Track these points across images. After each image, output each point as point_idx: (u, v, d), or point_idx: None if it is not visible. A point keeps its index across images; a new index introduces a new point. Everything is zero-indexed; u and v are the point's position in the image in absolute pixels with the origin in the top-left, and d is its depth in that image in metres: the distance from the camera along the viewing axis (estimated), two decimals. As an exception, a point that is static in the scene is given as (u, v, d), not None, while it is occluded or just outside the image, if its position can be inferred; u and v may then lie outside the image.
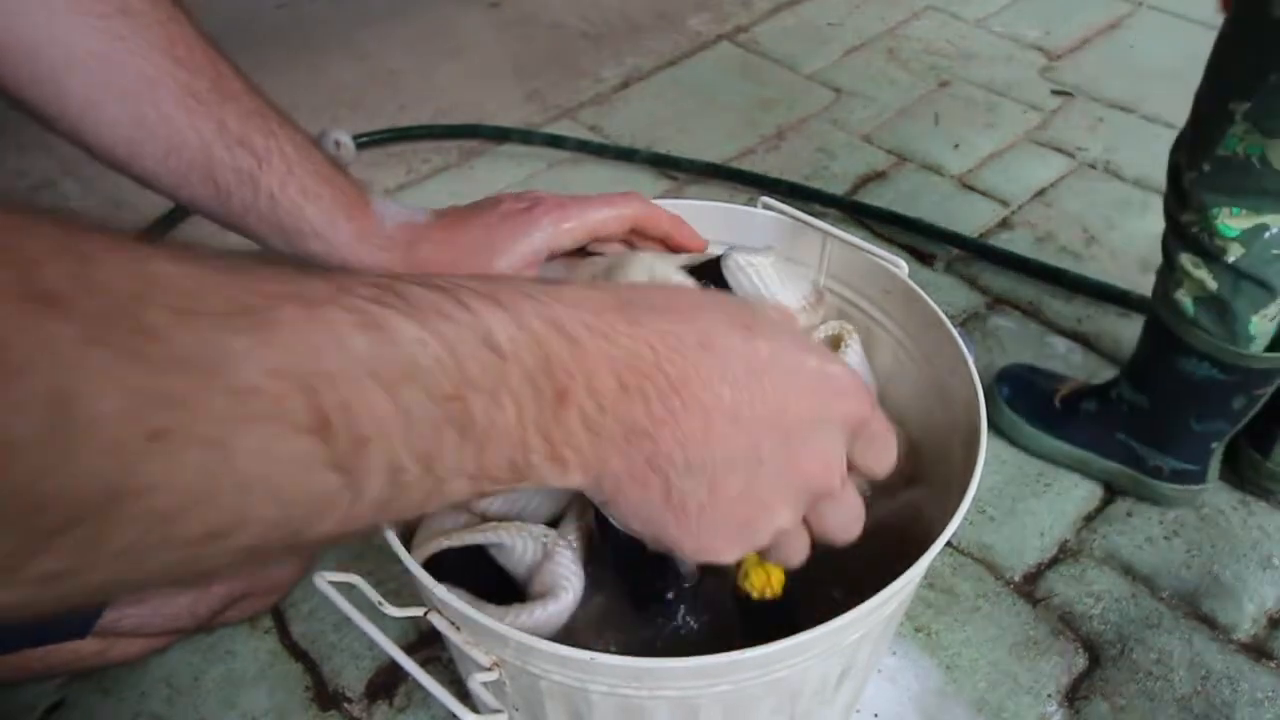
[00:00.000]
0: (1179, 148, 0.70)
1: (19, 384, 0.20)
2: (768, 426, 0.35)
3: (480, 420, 0.29)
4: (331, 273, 0.27)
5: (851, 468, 0.39)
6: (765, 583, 0.47)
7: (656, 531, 0.36)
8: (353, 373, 0.25)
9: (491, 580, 0.50)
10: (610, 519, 0.37)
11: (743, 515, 0.36)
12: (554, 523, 0.53)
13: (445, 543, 0.49)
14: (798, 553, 0.39)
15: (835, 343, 0.62)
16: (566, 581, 0.49)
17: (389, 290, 0.27)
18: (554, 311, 0.30)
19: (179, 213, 1.12)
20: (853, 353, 0.61)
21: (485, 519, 0.53)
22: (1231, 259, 0.67)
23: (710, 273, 0.63)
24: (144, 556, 0.23)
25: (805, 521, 0.39)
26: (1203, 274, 0.69)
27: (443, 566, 0.48)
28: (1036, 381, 0.88)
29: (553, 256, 0.53)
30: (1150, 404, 0.78)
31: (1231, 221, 0.66)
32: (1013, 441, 0.87)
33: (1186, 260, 0.70)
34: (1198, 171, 0.67)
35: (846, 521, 0.39)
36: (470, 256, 0.50)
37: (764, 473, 0.36)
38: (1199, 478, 0.79)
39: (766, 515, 0.37)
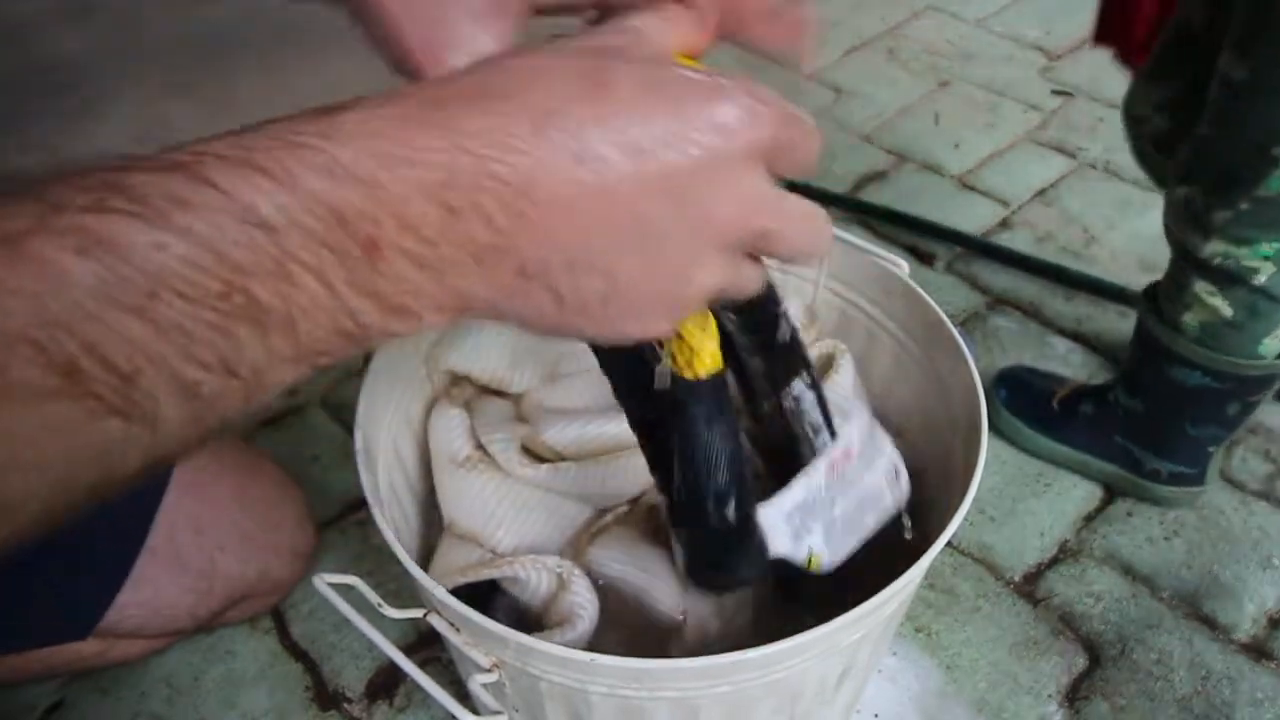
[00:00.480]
0: (1191, 181, 0.68)
1: None
2: (653, 192, 0.30)
3: (274, 305, 0.25)
4: (40, 187, 0.23)
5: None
6: (688, 359, 0.41)
7: (571, 334, 0.32)
8: (87, 308, 0.22)
9: (499, 616, 0.50)
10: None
11: (657, 290, 0.32)
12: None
13: (460, 579, 0.49)
14: (750, 285, 0.35)
15: (827, 362, 0.63)
16: (582, 610, 0.49)
17: (111, 191, 0.23)
18: (332, 154, 0.26)
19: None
20: (845, 373, 0.62)
21: (496, 554, 0.53)
22: (1262, 279, 0.67)
23: None
24: None
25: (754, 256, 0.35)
26: (1217, 302, 0.69)
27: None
28: (1035, 383, 0.88)
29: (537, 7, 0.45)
30: (1145, 409, 0.78)
31: (1268, 247, 0.66)
32: (1011, 443, 0.86)
33: (1201, 289, 0.69)
34: (1233, 211, 0.65)
35: (803, 238, 0.35)
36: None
37: (667, 243, 0.31)
38: (1197, 480, 0.79)
39: (685, 282, 0.32)
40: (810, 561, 0.44)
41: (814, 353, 0.63)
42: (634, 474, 0.56)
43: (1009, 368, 0.90)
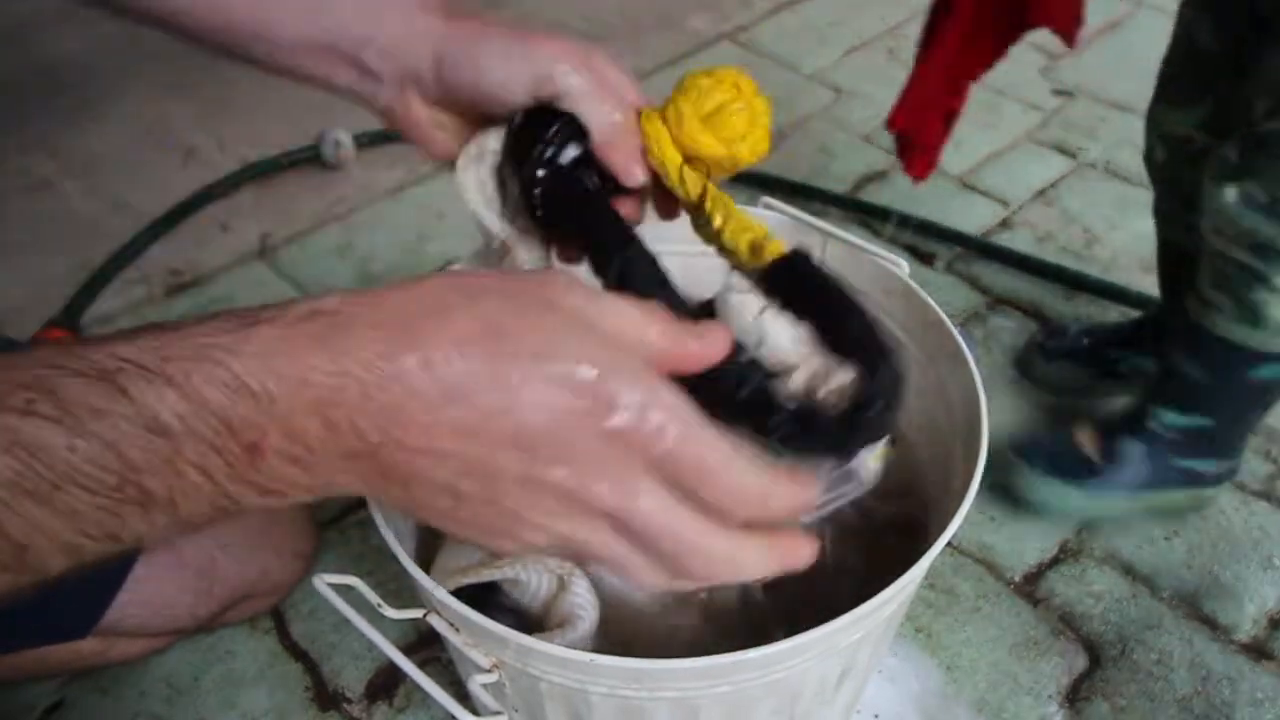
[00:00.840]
0: (1250, 176, 0.66)
1: None
2: (507, 443, 0.32)
3: (160, 492, 0.29)
4: None
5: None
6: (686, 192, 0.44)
7: (422, 520, 0.35)
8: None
9: (500, 618, 0.50)
10: None
11: (492, 523, 0.34)
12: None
13: (461, 580, 0.49)
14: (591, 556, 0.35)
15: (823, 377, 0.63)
16: (583, 611, 0.49)
17: (44, 395, 0.28)
18: (236, 369, 0.29)
19: (178, 213, 1.12)
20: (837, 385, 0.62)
21: (497, 555, 0.53)
22: None
23: (706, 313, 0.62)
24: None
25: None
26: None
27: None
28: (1050, 442, 0.82)
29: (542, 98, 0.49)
30: (1216, 420, 0.76)
31: None
32: (1056, 511, 0.79)
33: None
34: None
35: (687, 562, 0.34)
36: (471, 81, 0.48)
37: (508, 487, 0.33)
38: (1238, 465, 0.80)
39: (520, 527, 0.34)
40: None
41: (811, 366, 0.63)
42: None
43: (1016, 437, 0.82)
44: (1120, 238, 1.09)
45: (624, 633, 0.53)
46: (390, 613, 0.46)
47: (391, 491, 0.33)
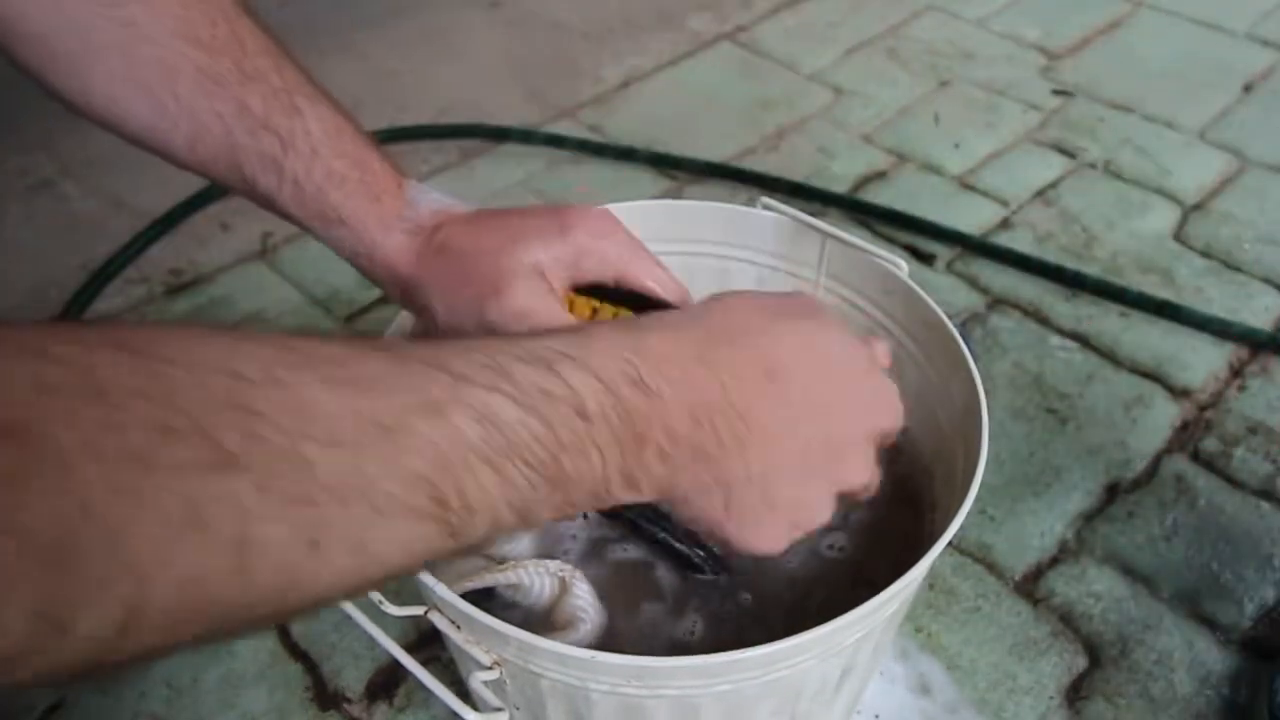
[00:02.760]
0: None
1: (208, 536, 0.24)
2: (820, 441, 0.40)
3: (570, 473, 0.33)
4: (449, 357, 0.31)
5: None
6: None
7: (713, 528, 0.41)
8: (468, 460, 0.30)
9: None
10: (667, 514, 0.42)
11: (793, 517, 0.42)
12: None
13: (467, 584, 0.49)
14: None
15: None
16: (584, 613, 0.50)
17: (502, 377, 0.32)
18: (639, 370, 0.35)
19: (178, 213, 1.12)
20: None
21: (494, 560, 0.53)
22: None
23: None
24: (293, 616, 0.30)
25: None
26: None
27: None
28: None
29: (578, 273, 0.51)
30: None
31: None
32: None
33: None
34: None
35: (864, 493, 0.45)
36: (482, 254, 0.49)
37: (812, 482, 0.41)
38: None
39: (812, 515, 0.42)
40: None
41: None
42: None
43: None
44: (1120, 238, 1.09)
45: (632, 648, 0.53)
46: (391, 610, 0.46)
47: (713, 497, 0.39)
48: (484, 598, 0.52)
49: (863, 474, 0.43)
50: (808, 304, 0.43)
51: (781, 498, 0.40)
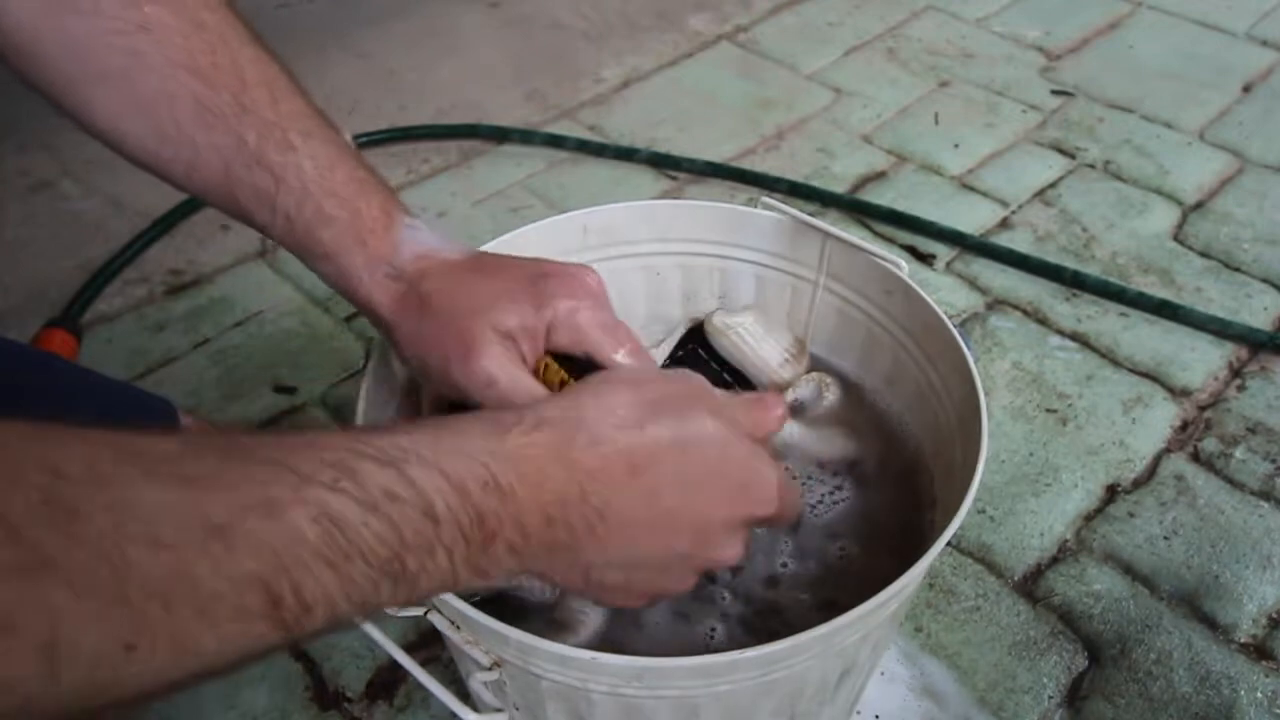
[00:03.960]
0: None
1: (18, 641, 0.24)
2: (686, 532, 0.41)
3: (414, 570, 0.33)
4: (294, 455, 0.31)
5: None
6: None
7: (574, 592, 0.44)
8: (304, 560, 0.30)
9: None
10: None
11: (654, 589, 0.44)
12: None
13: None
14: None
15: (816, 394, 0.65)
16: (583, 615, 0.50)
17: (346, 475, 0.31)
18: (493, 470, 0.35)
19: (178, 213, 1.12)
20: (827, 404, 0.64)
21: None
22: None
23: (694, 335, 0.66)
24: (114, 711, 0.28)
25: None
26: None
27: None
28: None
29: (552, 338, 0.50)
30: None
31: None
32: None
33: None
34: None
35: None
36: (456, 316, 0.49)
37: (674, 563, 0.43)
38: None
39: (673, 587, 0.44)
40: None
41: (803, 385, 0.64)
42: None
43: None
44: (1120, 238, 1.09)
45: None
46: (391, 610, 0.46)
47: (572, 576, 0.41)
48: (493, 599, 0.52)
49: (729, 556, 0.44)
50: (689, 392, 0.43)
51: (640, 579, 0.42)
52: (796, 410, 0.64)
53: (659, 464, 0.39)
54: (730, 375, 0.63)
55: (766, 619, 0.54)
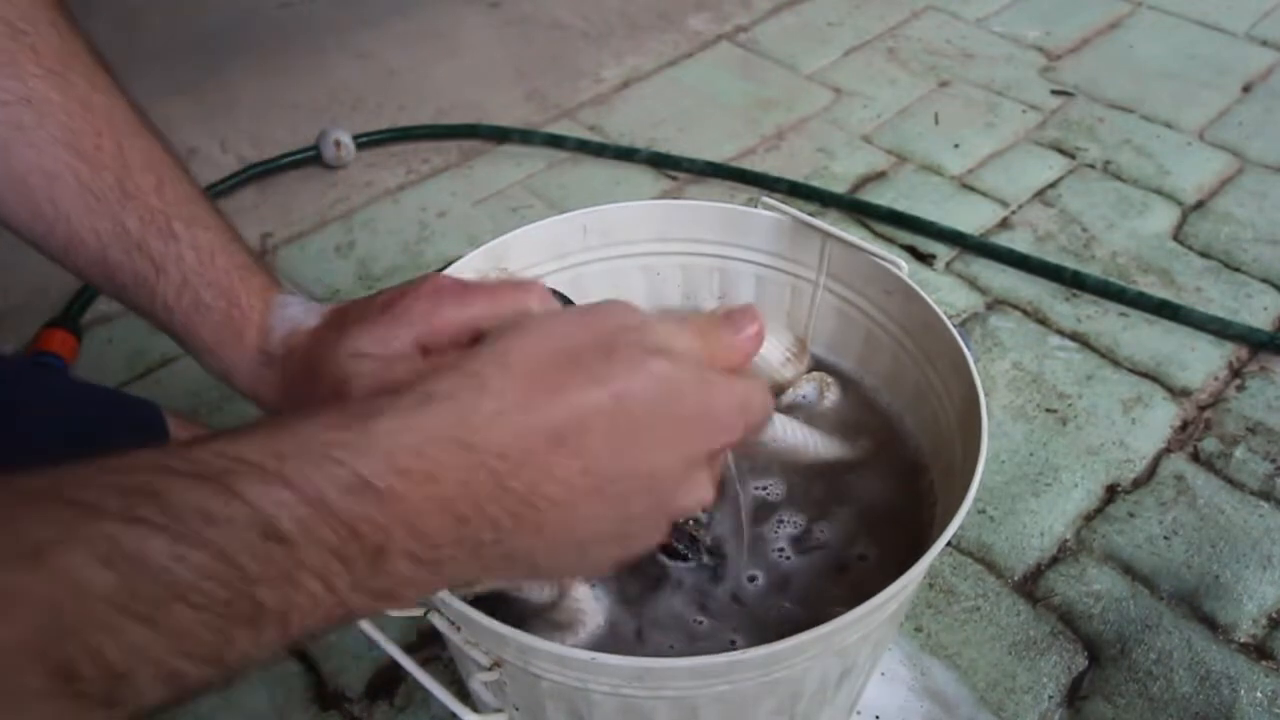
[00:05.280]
0: None
1: None
2: (638, 493, 0.35)
3: (274, 606, 0.27)
4: (74, 484, 0.25)
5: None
6: None
7: (531, 580, 0.38)
8: (98, 616, 0.24)
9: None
10: None
11: (616, 554, 0.38)
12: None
13: (465, 589, 0.49)
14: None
15: (818, 394, 0.65)
16: (583, 615, 0.50)
17: (145, 499, 0.25)
18: (359, 468, 0.28)
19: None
20: (827, 405, 0.64)
21: None
22: None
23: None
24: None
25: None
26: None
27: None
28: None
29: (430, 349, 0.45)
30: None
31: None
32: None
33: None
34: None
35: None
36: (316, 372, 0.45)
37: (634, 524, 0.36)
38: None
39: (639, 547, 0.38)
40: None
41: (804, 385, 0.64)
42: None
43: None
44: (1120, 238, 1.09)
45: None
46: (391, 610, 0.46)
47: (515, 570, 0.34)
48: (491, 598, 0.52)
49: (695, 500, 0.38)
50: (614, 329, 0.35)
51: (599, 553, 0.36)
52: (798, 410, 0.64)
53: (587, 428, 0.32)
54: None
55: (769, 620, 0.54)
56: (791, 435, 0.60)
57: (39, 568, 0.23)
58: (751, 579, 0.55)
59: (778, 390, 0.64)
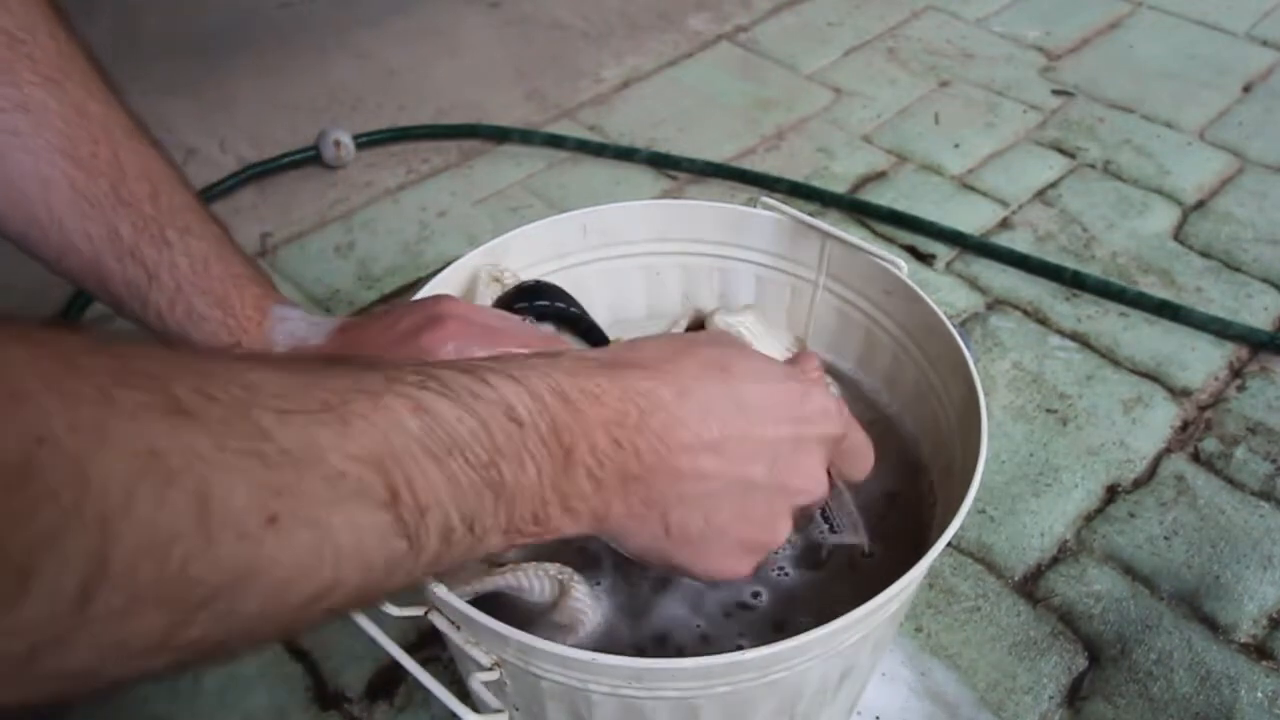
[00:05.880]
0: None
1: (174, 488, 0.24)
2: (753, 456, 0.40)
3: (509, 482, 0.33)
4: (378, 363, 0.32)
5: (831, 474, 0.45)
6: None
7: (665, 560, 0.41)
8: (412, 450, 0.30)
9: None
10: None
11: (744, 534, 0.42)
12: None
13: (467, 589, 0.49)
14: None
15: None
16: (583, 615, 0.50)
17: (429, 376, 0.32)
18: (556, 380, 0.35)
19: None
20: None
21: (496, 564, 0.53)
22: None
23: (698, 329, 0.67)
24: (263, 622, 0.27)
25: None
26: None
27: None
28: None
29: None
30: None
31: None
32: None
33: None
34: None
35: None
36: None
37: (757, 496, 0.41)
38: None
39: (766, 532, 0.42)
40: None
41: None
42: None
43: None
44: (1120, 238, 1.09)
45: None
46: (391, 610, 0.47)
47: (649, 522, 0.39)
48: (491, 599, 0.52)
49: (812, 482, 0.43)
50: (719, 335, 0.44)
51: (722, 517, 0.40)
52: None
53: (705, 385, 0.39)
54: None
55: (770, 620, 0.54)
56: None
57: (377, 406, 0.29)
58: (755, 595, 0.55)
59: None
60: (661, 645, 0.52)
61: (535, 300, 0.58)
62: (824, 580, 0.56)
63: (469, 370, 0.33)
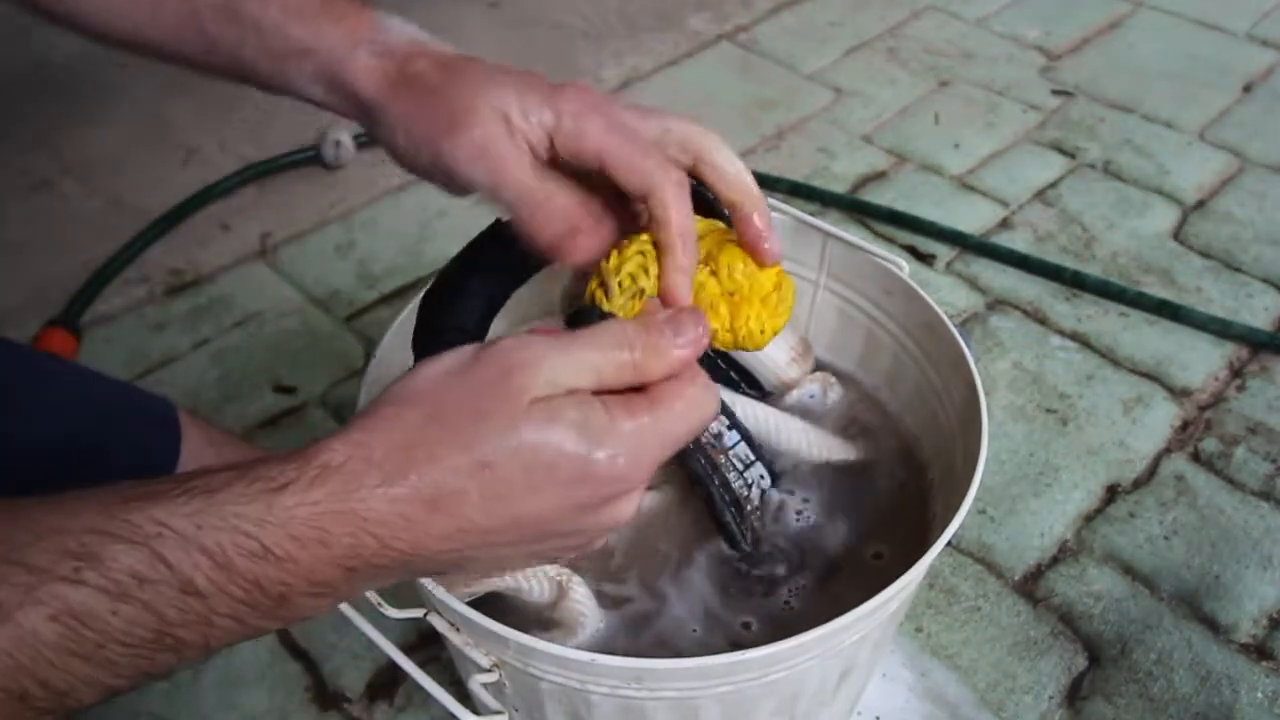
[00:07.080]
0: None
1: None
2: (528, 533, 0.37)
3: (194, 640, 0.33)
4: (27, 548, 0.30)
5: None
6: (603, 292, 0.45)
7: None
8: (46, 658, 0.30)
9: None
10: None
11: (550, 556, 0.41)
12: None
13: (465, 591, 0.49)
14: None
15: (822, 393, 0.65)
16: (583, 616, 0.50)
17: (90, 562, 0.30)
18: (261, 539, 0.33)
19: (178, 213, 1.12)
20: (832, 401, 0.65)
21: None
22: None
23: None
24: None
25: None
26: None
27: None
28: None
29: (559, 161, 0.45)
30: None
31: None
32: None
33: None
34: None
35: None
36: (450, 90, 0.45)
37: (546, 545, 0.39)
38: None
39: (573, 553, 0.41)
40: None
41: (807, 385, 0.64)
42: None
43: None
44: (1120, 238, 1.09)
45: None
46: (391, 612, 0.46)
47: (402, 580, 0.38)
48: (491, 600, 0.52)
49: (586, 541, 0.40)
50: (499, 389, 0.36)
51: (520, 563, 0.42)
52: (805, 409, 0.64)
53: (459, 492, 0.35)
54: (737, 374, 0.63)
55: (771, 620, 0.54)
56: (794, 437, 0.60)
57: (6, 621, 0.29)
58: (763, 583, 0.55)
59: (784, 389, 0.64)
60: (662, 646, 0.52)
61: None
62: (823, 580, 0.56)
63: (146, 543, 0.31)
